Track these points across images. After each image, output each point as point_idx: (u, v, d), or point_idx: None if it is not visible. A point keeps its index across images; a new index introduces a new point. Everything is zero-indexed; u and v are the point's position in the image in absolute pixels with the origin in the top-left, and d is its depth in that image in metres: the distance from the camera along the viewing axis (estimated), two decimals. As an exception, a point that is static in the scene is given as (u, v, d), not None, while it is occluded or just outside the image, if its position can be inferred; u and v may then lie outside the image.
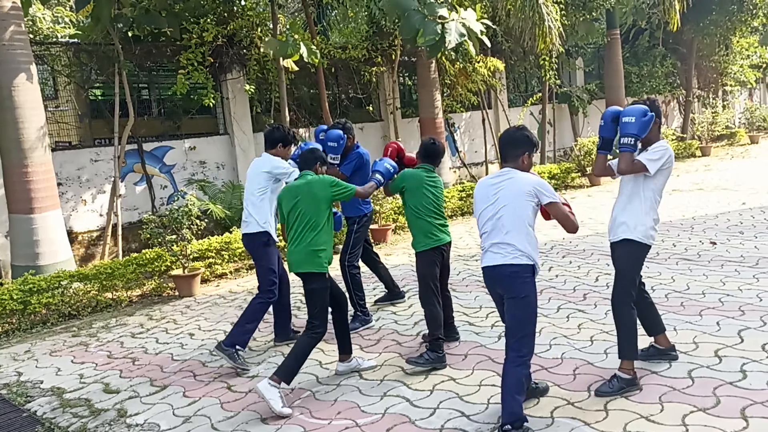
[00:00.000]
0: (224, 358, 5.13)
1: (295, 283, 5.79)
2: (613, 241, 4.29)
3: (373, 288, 7.15)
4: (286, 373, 4.39)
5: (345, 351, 4.91)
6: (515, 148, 3.86)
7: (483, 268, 3.92)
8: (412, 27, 9.28)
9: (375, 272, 6.63)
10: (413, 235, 5.07)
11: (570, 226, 3.88)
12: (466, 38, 9.53)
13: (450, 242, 5.11)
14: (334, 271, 5.83)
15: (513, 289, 3.77)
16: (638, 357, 4.23)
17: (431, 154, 5.16)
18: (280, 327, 5.76)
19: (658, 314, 4.57)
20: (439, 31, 9.21)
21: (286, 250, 4.78)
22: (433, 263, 4.99)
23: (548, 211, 3.82)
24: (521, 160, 3.85)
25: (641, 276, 4.35)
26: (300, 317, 6.53)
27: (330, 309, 4.79)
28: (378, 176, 5.06)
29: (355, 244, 6.09)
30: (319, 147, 5.17)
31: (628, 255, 4.19)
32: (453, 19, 9.52)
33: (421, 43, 9.28)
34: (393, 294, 6.66)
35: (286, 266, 5.47)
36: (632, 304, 4.18)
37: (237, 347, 5.12)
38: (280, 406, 4.27)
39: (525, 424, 3.62)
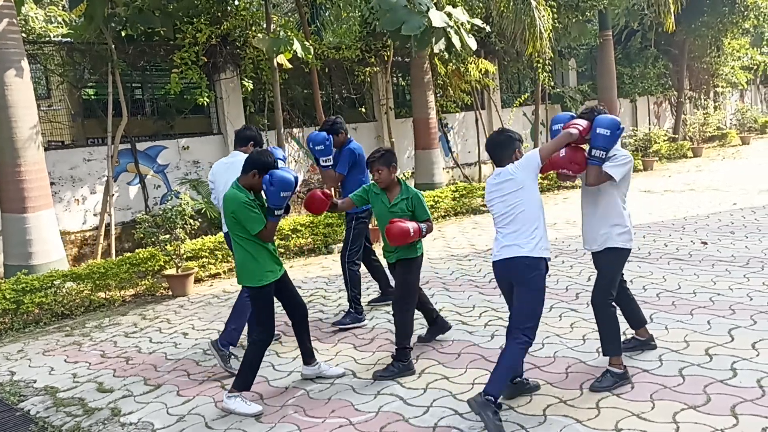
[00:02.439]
0: (216, 358, 5.10)
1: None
2: (596, 252, 4.37)
3: (366, 287, 7.15)
4: (241, 383, 4.39)
5: (307, 357, 4.81)
6: (505, 150, 4.05)
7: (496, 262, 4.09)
8: (397, 20, 9.31)
9: (372, 274, 6.60)
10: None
11: (561, 139, 4.07)
12: (451, 30, 9.53)
13: None
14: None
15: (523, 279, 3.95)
16: (621, 352, 4.30)
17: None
18: None
19: (639, 308, 4.72)
20: (425, 23, 9.23)
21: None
22: (420, 269, 4.98)
23: (547, 159, 4.00)
24: (514, 158, 4.02)
25: (623, 275, 4.48)
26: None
27: (289, 317, 4.74)
28: (278, 213, 4.33)
29: (354, 240, 6.08)
30: (275, 153, 4.99)
31: (613, 261, 4.31)
32: (437, 10, 9.56)
33: (405, 32, 9.26)
34: (388, 295, 6.65)
35: None
36: (612, 303, 4.28)
37: (230, 348, 5.11)
38: (246, 409, 4.31)
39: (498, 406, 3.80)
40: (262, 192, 4.33)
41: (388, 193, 4.83)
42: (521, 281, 3.94)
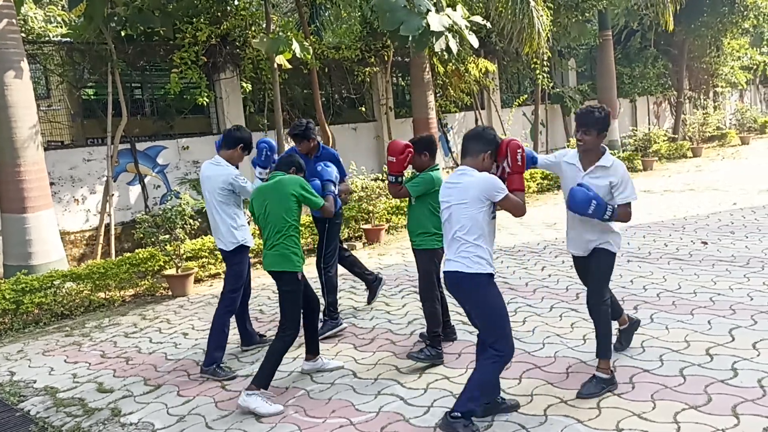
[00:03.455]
0: (209, 377, 5.05)
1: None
2: (584, 256, 4.37)
3: (364, 289, 7.14)
4: (261, 379, 4.41)
5: (311, 351, 4.93)
6: (479, 144, 3.80)
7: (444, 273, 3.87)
8: (397, 21, 9.33)
9: (349, 268, 6.45)
10: (425, 233, 4.92)
11: (519, 212, 3.79)
12: (448, 34, 9.56)
13: None
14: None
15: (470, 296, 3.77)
16: (611, 355, 4.29)
17: (435, 149, 5.13)
18: (242, 333, 5.68)
19: (616, 300, 4.72)
20: (423, 25, 9.24)
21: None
22: (439, 261, 5.02)
23: (500, 206, 3.74)
24: (482, 157, 3.78)
25: None
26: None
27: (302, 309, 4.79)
28: (332, 188, 4.94)
29: (329, 244, 5.88)
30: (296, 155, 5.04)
31: (606, 263, 4.29)
32: (437, 12, 9.58)
33: (404, 32, 9.27)
34: (372, 284, 6.52)
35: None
36: (608, 303, 4.28)
37: (214, 365, 5.07)
38: (267, 409, 4.30)
39: (474, 421, 3.68)
40: (320, 172, 4.87)
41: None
42: (462, 298, 3.82)
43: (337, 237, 6.07)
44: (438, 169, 5.03)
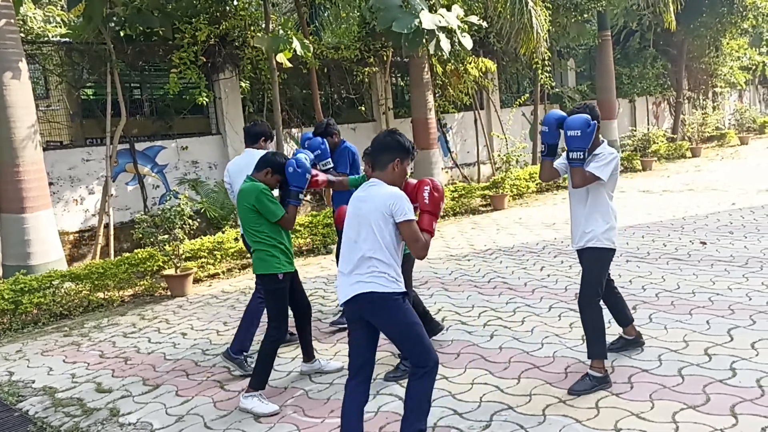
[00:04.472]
0: (233, 367, 5.06)
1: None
2: (579, 249, 4.41)
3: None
4: (257, 381, 4.42)
5: (307, 355, 4.94)
6: (385, 153, 3.50)
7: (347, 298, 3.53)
8: (390, 18, 9.35)
9: None
10: None
11: (417, 249, 3.40)
12: (441, 34, 9.58)
13: None
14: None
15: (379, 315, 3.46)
16: (607, 356, 4.31)
17: None
18: None
19: (626, 306, 4.74)
20: (416, 24, 9.26)
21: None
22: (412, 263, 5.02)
23: (400, 230, 3.37)
24: (391, 167, 3.49)
25: (609, 274, 4.48)
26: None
27: (293, 316, 4.81)
28: (300, 196, 4.56)
29: None
30: (305, 152, 4.99)
31: (596, 260, 4.32)
32: (431, 12, 9.60)
33: (395, 29, 9.28)
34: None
35: None
36: (599, 304, 4.29)
37: (244, 353, 5.08)
38: (263, 409, 4.32)
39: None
40: (287, 176, 4.50)
41: None
42: (373, 318, 3.46)
43: None
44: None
